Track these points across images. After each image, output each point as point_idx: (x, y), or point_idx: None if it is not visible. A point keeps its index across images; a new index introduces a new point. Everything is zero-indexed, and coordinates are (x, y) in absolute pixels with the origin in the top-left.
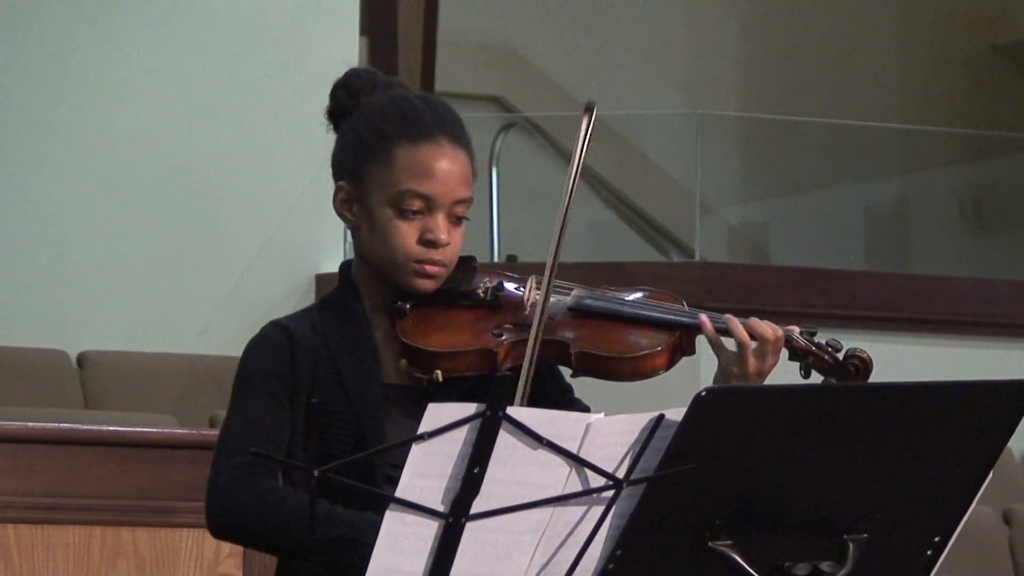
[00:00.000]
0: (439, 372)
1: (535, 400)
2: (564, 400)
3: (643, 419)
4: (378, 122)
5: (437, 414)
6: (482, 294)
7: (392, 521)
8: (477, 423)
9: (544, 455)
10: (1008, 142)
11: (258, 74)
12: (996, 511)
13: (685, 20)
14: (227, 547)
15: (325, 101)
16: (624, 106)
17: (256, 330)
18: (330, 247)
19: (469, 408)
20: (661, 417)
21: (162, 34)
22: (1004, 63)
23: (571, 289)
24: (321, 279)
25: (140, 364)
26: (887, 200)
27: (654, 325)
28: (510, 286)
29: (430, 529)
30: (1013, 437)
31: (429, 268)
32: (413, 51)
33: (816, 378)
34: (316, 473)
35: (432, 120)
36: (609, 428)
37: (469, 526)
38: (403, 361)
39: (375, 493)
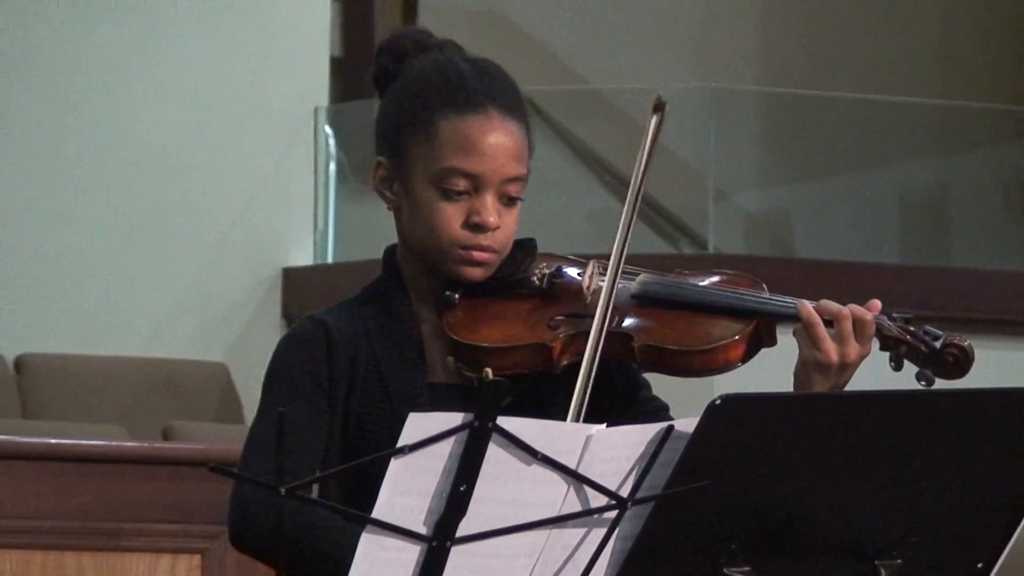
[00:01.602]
0: (489, 370)
1: (599, 400)
2: (637, 399)
3: (650, 430)
4: (421, 91)
5: (419, 424)
6: (537, 281)
7: (369, 545)
8: (464, 435)
9: (539, 471)
10: None
11: (217, 45)
12: None
13: None
14: (183, 572)
15: (294, 74)
16: (627, 79)
17: (214, 331)
18: (298, 238)
19: (455, 418)
20: (670, 428)
21: (110, 14)
22: None
23: (637, 274)
24: (289, 274)
25: (85, 369)
26: (924, 186)
27: (728, 313)
28: (570, 272)
29: (411, 554)
30: None
31: (476, 255)
32: (391, 18)
33: (909, 370)
34: (283, 491)
35: (481, 88)
36: (612, 441)
37: (455, 550)
38: (450, 358)
39: (355, 515)
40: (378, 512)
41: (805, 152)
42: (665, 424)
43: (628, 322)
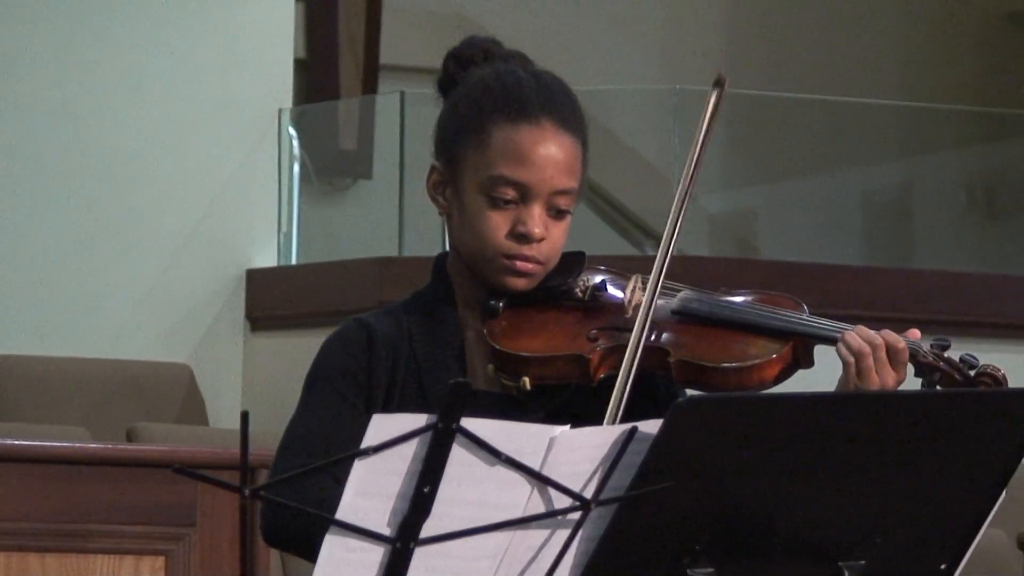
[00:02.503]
0: (527, 379)
1: (635, 414)
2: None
3: (614, 432)
4: (478, 98)
5: (383, 426)
6: (580, 293)
7: (333, 546)
8: (428, 436)
9: (503, 472)
10: (1022, 121)
11: (180, 46)
12: (1010, 535)
13: None
14: (147, 575)
15: (257, 74)
16: (592, 81)
17: (177, 333)
18: (262, 239)
19: (419, 420)
20: (634, 430)
21: (71, 12)
22: (1019, 33)
23: (679, 290)
24: (253, 275)
25: (48, 370)
26: (887, 187)
27: (767, 333)
28: (612, 286)
29: (375, 555)
30: None
31: (520, 265)
32: (356, 19)
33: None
34: (247, 492)
35: (537, 99)
36: (576, 442)
37: (418, 552)
38: (490, 366)
39: (320, 516)
40: (342, 513)
41: (769, 154)
42: (628, 425)
43: (666, 337)
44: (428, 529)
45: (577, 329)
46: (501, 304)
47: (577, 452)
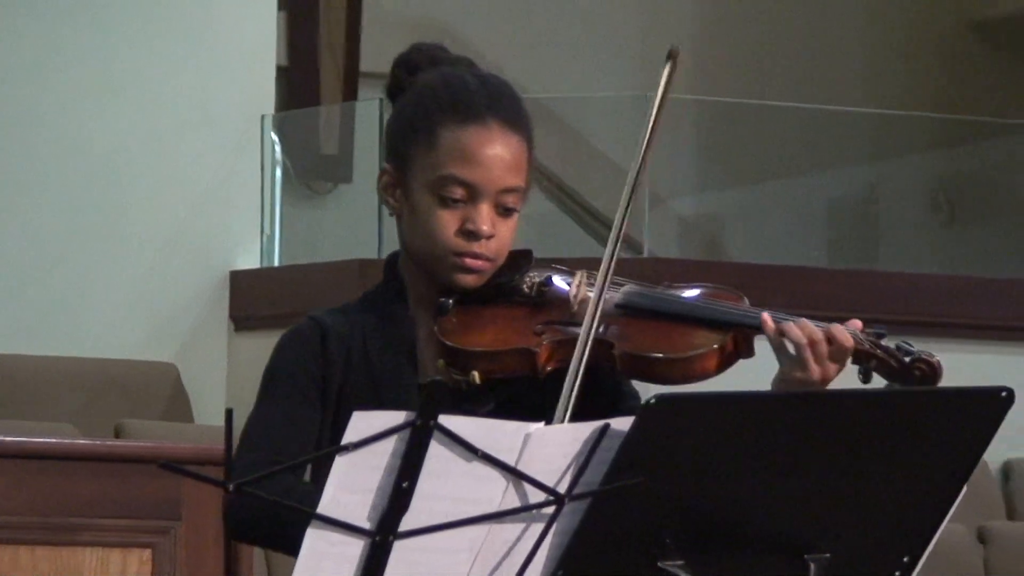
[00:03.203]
0: (476, 373)
1: (585, 406)
2: (621, 406)
3: (587, 429)
4: (426, 101)
5: (363, 423)
6: (527, 289)
7: (314, 539)
8: (406, 433)
9: (479, 468)
10: (986, 128)
11: (164, 49)
12: (970, 529)
13: None
14: (134, 567)
15: (241, 81)
16: (565, 87)
17: (163, 332)
18: (245, 241)
19: (398, 416)
20: (606, 427)
21: (61, 19)
22: (983, 42)
23: (623, 284)
24: (236, 276)
25: (37, 369)
26: (853, 191)
27: (707, 324)
28: (558, 280)
29: (355, 548)
30: (989, 449)
31: (470, 262)
32: (336, 27)
33: (878, 383)
34: (232, 486)
35: (483, 101)
36: (550, 439)
37: (397, 545)
38: (440, 361)
39: (300, 510)
40: (323, 508)
41: (737, 159)
42: (601, 423)
43: (610, 330)
44: (407, 523)
45: (525, 324)
46: (451, 301)
47: (551, 448)
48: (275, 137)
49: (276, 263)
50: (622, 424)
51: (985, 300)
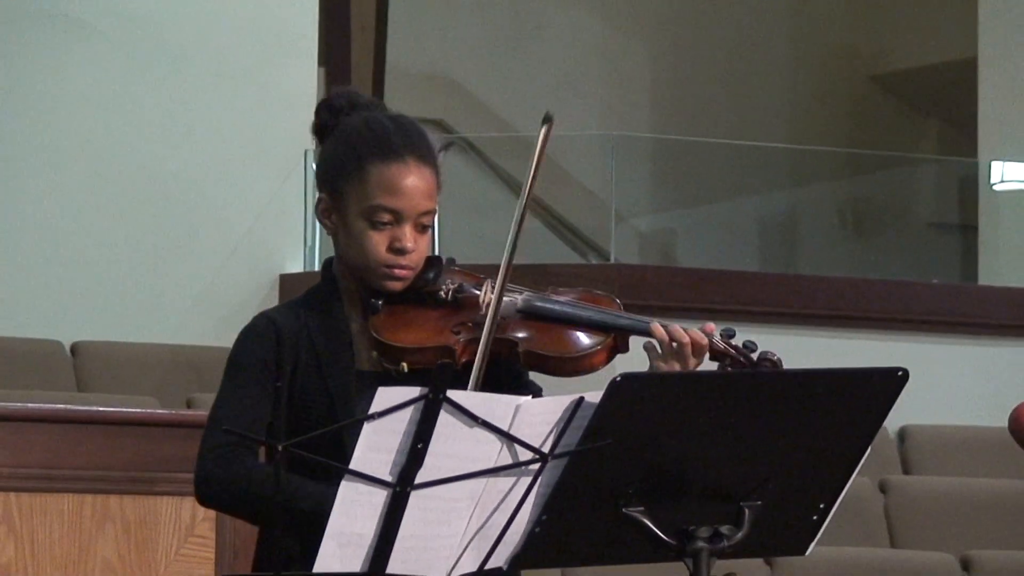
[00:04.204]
0: (405, 364)
1: (490, 385)
2: (517, 385)
3: (566, 401)
4: (354, 142)
5: (386, 397)
6: (444, 295)
7: (347, 490)
8: (421, 404)
9: (479, 432)
10: (882, 160)
11: (229, 100)
12: (873, 481)
13: (600, 52)
14: (202, 512)
15: (288, 123)
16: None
17: (226, 323)
18: (291, 251)
19: (414, 391)
20: (581, 399)
21: (146, 71)
22: (880, 91)
23: (521, 292)
24: (284, 278)
25: (126, 352)
26: (778, 210)
27: (595, 327)
28: (469, 287)
29: (380, 497)
30: (888, 417)
31: (397, 271)
32: (365, 79)
33: None
34: (281, 447)
35: (401, 141)
36: (536, 409)
37: (414, 494)
38: (374, 353)
39: (335, 466)
40: (354, 464)
41: (686, 184)
42: (577, 396)
43: (513, 331)
44: (421, 476)
45: (444, 324)
46: (381, 303)
47: (537, 416)
48: (315, 166)
49: (317, 267)
50: (594, 397)
51: (883, 297)
